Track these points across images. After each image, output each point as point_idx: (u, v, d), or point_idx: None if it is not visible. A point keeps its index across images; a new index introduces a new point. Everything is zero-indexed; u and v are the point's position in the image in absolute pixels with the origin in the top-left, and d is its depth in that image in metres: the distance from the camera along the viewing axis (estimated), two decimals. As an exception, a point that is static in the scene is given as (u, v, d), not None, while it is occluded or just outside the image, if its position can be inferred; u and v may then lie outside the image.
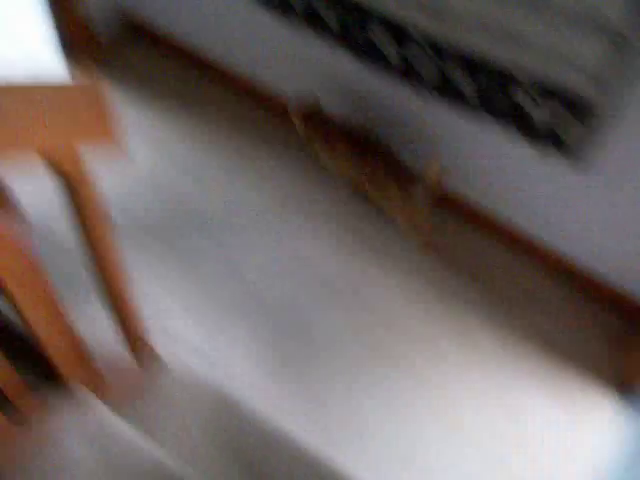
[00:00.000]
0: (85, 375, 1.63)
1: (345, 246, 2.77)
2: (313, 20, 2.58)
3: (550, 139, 2.28)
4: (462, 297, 2.68)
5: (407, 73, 2.49)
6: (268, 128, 3.14)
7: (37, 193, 2.77)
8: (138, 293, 2.54)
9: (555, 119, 2.21)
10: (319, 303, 2.61)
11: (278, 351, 2.47)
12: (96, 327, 2.09)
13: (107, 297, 1.65)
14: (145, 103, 3.19)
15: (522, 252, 2.81)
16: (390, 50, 2.46)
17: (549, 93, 2.16)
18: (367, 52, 2.54)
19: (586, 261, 2.65)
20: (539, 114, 2.23)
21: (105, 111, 1.22)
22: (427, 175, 2.52)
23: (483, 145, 2.55)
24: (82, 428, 1.55)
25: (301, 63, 2.85)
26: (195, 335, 2.48)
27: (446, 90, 2.46)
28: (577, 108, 2.13)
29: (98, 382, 1.69)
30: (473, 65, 2.29)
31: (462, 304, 2.66)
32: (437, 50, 2.33)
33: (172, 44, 3.34)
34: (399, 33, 2.38)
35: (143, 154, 3.02)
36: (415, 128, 2.73)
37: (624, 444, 2.32)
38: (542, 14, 1.99)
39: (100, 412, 1.60)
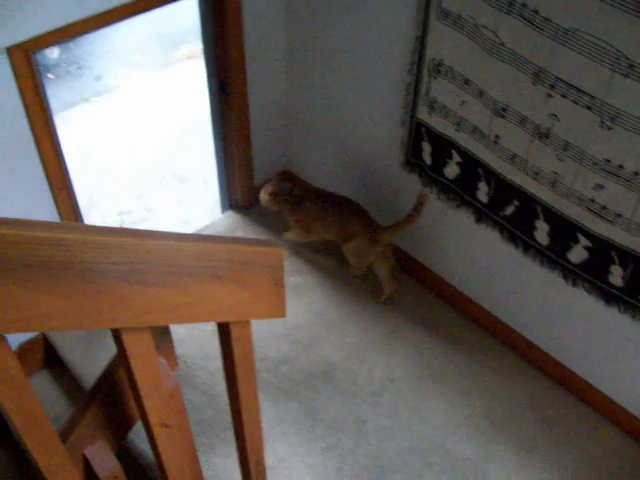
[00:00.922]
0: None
1: (482, 434, 2.67)
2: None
3: None
4: None
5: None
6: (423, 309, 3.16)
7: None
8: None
9: None
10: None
11: None
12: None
13: (240, 442, 1.69)
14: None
15: None
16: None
17: None
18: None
19: None
20: None
21: (283, 286, 1.31)
22: (418, 202, 2.82)
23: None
24: None
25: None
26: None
27: (593, 274, 2.43)
28: None
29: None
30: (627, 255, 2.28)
31: None
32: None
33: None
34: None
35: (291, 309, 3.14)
36: (537, 304, 2.73)
37: None
38: None
39: None
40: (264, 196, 3.20)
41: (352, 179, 3.24)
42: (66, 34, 2.33)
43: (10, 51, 2.23)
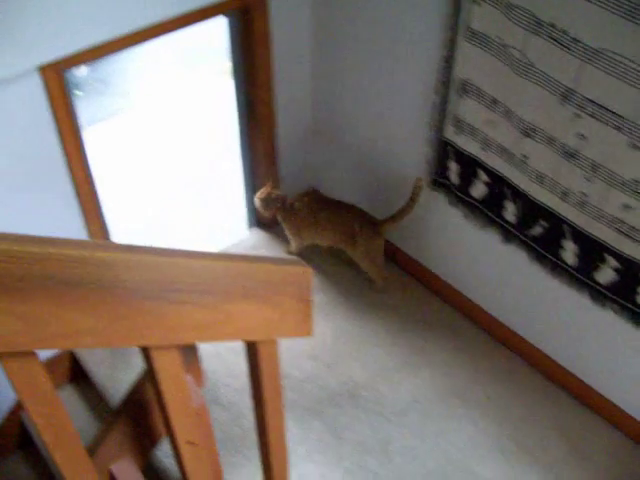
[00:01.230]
0: None
1: (508, 457, 2.64)
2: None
3: None
4: None
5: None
6: (451, 328, 3.14)
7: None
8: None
9: None
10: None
11: None
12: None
13: (265, 461, 1.69)
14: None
15: None
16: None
17: None
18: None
19: None
20: None
21: (311, 305, 1.31)
22: (414, 191, 2.89)
23: None
24: None
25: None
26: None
27: (622, 295, 2.41)
28: None
29: None
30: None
31: None
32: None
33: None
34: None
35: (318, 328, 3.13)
36: (565, 325, 2.71)
37: None
38: None
39: None
40: (256, 200, 3.24)
41: (377, 197, 3.25)
42: (97, 53, 2.36)
43: (42, 70, 2.27)
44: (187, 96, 5.31)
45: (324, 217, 3.15)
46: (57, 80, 2.33)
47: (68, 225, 2.72)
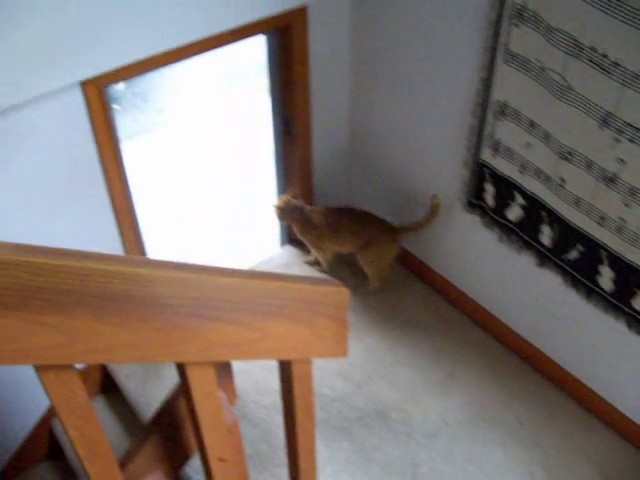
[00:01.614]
0: None
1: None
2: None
3: None
4: None
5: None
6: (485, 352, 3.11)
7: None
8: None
9: None
10: None
11: None
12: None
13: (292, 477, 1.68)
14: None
15: None
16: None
17: None
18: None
19: None
20: None
21: (346, 326, 1.31)
22: (432, 207, 2.97)
23: None
24: None
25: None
26: None
27: None
28: None
29: None
30: None
31: None
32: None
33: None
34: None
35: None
36: (601, 352, 2.67)
37: None
38: None
39: None
40: (274, 208, 3.24)
41: (411, 217, 3.24)
42: (137, 70, 2.40)
43: (84, 85, 2.31)
44: (223, 113, 5.36)
45: (344, 226, 3.16)
46: (97, 95, 2.37)
47: (104, 237, 2.75)
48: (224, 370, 1.59)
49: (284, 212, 3.21)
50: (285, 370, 1.33)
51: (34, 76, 2.10)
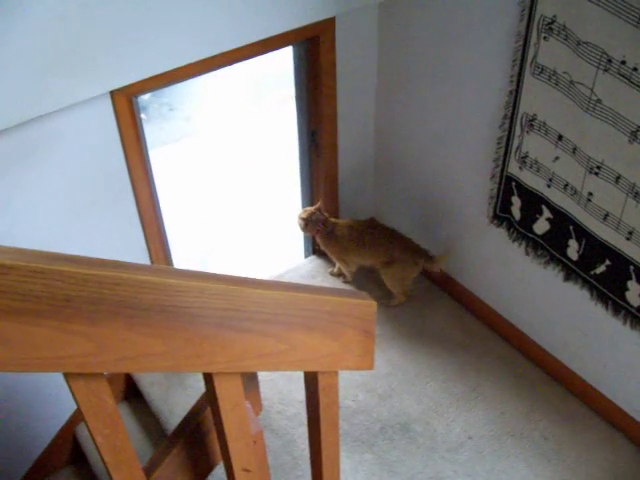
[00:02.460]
0: None
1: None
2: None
3: None
4: None
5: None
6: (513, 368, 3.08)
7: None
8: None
9: None
10: None
11: None
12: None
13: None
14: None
15: None
16: None
17: None
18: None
19: None
20: None
21: (373, 338, 1.30)
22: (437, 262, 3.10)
23: None
24: None
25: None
26: None
27: None
28: None
29: None
30: None
31: None
32: None
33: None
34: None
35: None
36: (629, 369, 2.63)
37: None
38: None
39: None
40: (298, 219, 3.25)
41: (437, 230, 3.23)
42: (167, 80, 2.42)
43: (113, 95, 2.33)
44: (249, 122, 5.38)
45: (369, 240, 3.16)
46: (126, 104, 2.39)
47: (130, 245, 2.77)
48: (250, 380, 1.59)
49: (308, 224, 3.21)
50: (311, 381, 1.32)
51: (65, 85, 2.13)
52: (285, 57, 3.14)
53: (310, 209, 3.21)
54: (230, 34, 2.43)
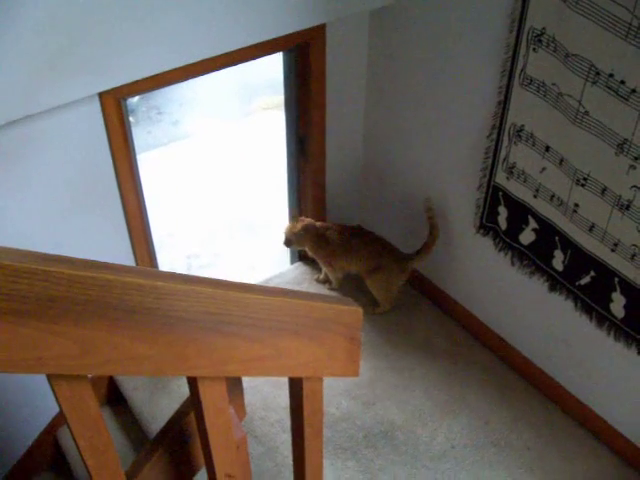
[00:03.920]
0: None
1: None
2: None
3: None
4: None
5: None
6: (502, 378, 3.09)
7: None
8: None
9: None
10: None
11: None
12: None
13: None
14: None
15: None
16: None
17: None
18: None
19: None
20: None
21: (359, 345, 1.30)
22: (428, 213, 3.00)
23: None
24: None
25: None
26: None
27: None
28: None
29: None
30: None
31: None
32: None
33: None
34: None
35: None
36: (610, 379, 2.65)
37: None
38: None
39: None
40: (284, 237, 3.25)
41: (423, 238, 3.24)
42: (156, 83, 2.41)
43: (101, 97, 2.32)
44: (237, 128, 5.38)
45: (355, 244, 3.16)
46: (115, 107, 2.39)
47: (116, 248, 2.76)
48: (234, 385, 1.58)
49: (291, 240, 3.22)
50: (296, 388, 1.32)
51: (53, 86, 2.11)
52: (275, 63, 3.14)
53: (292, 224, 3.22)
54: (220, 39, 2.42)
